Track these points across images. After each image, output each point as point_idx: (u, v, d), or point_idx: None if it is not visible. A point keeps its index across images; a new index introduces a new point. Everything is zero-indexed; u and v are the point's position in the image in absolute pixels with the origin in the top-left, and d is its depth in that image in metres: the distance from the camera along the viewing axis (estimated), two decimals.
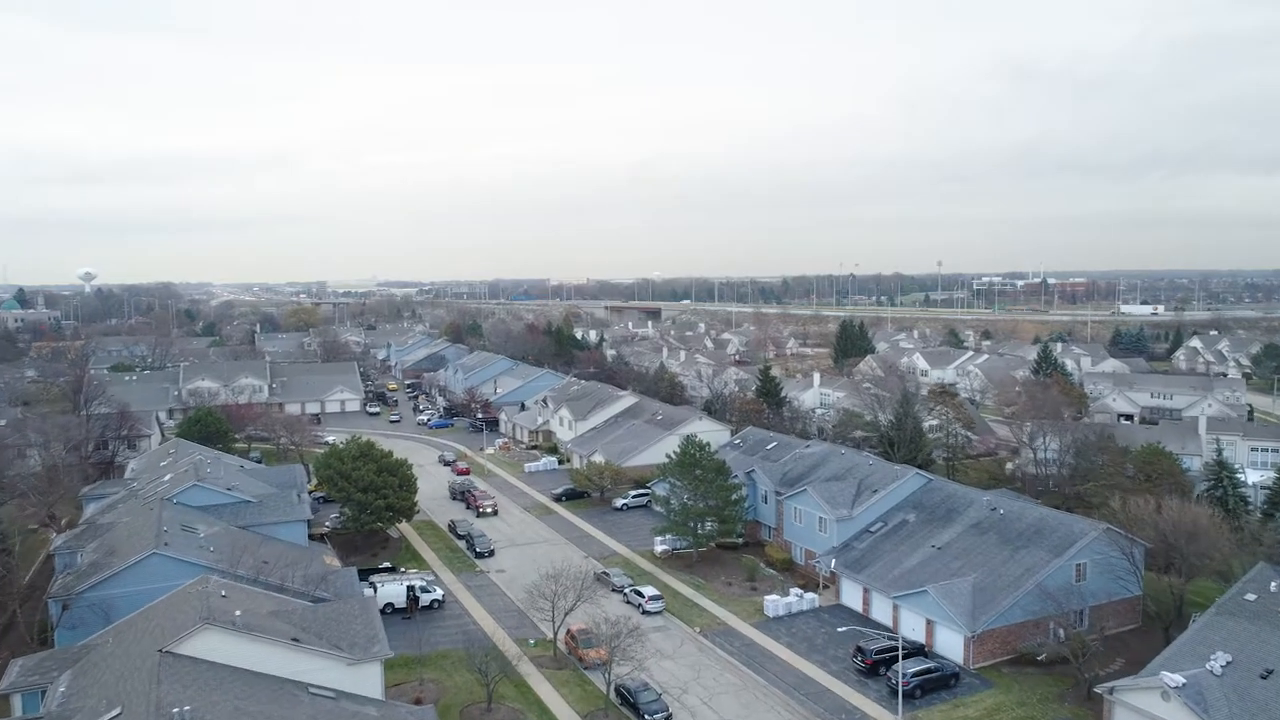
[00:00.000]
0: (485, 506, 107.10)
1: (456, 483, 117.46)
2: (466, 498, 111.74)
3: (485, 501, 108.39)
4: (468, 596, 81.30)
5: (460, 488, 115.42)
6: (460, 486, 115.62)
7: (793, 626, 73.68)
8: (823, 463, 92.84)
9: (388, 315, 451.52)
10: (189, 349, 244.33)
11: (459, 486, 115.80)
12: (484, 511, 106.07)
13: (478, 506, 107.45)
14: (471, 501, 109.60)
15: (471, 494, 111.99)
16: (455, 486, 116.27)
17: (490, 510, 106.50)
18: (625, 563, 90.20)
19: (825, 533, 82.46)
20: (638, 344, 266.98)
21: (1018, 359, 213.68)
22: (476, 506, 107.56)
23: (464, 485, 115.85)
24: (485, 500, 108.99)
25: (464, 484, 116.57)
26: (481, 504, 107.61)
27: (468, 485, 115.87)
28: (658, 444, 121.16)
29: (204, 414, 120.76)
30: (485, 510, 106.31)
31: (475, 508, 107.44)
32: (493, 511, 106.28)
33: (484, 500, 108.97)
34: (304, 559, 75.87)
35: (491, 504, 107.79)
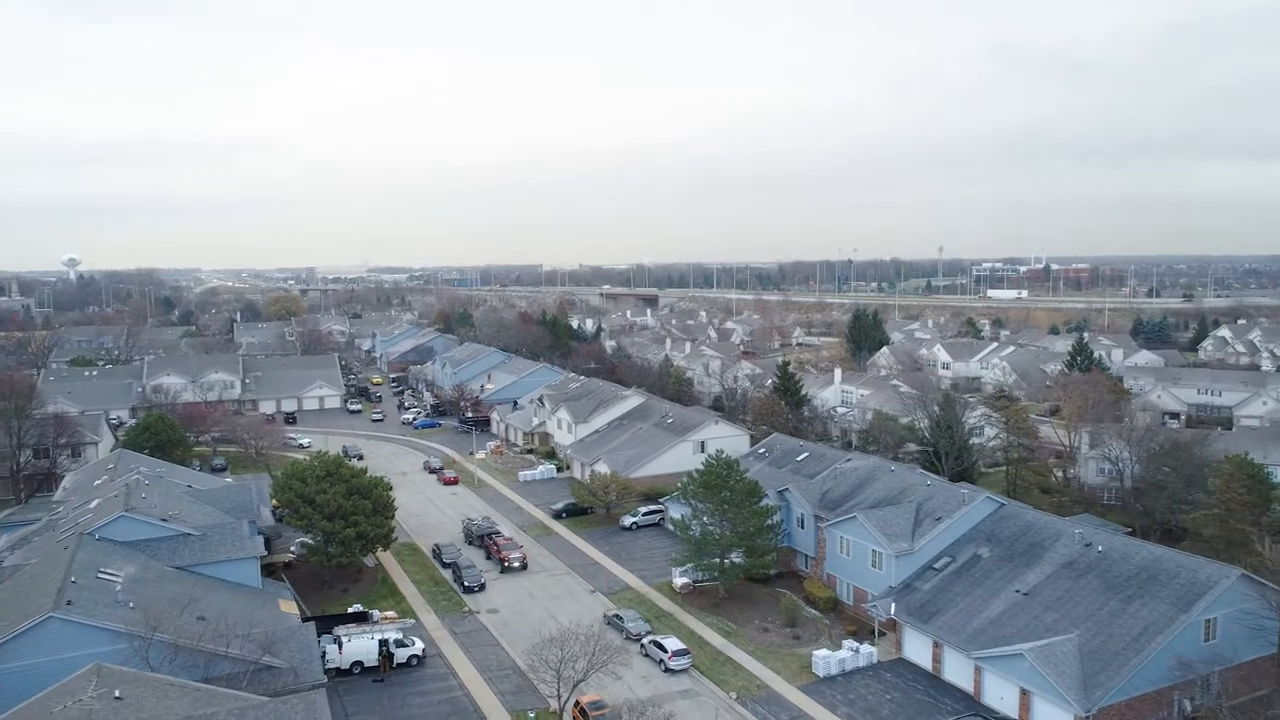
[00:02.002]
0: (513, 560, 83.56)
1: (475, 524, 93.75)
2: (487, 545, 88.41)
3: (513, 553, 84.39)
4: (454, 648, 67.81)
5: (479, 530, 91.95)
6: (480, 529, 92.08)
7: (850, 690, 60.47)
8: (869, 481, 79.49)
9: (376, 303, 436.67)
10: (159, 340, 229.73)
11: (478, 529, 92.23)
12: (510, 566, 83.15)
13: (503, 559, 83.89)
14: (494, 550, 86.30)
15: (494, 540, 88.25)
16: (473, 529, 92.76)
17: (519, 564, 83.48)
18: (639, 599, 76.84)
19: (880, 569, 69.21)
20: (638, 334, 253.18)
21: (1041, 350, 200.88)
22: (501, 558, 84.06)
23: (484, 528, 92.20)
24: (513, 551, 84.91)
25: (484, 526, 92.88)
26: (508, 556, 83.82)
27: (489, 528, 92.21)
28: (669, 451, 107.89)
29: (155, 420, 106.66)
30: (513, 564, 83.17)
31: (500, 559, 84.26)
32: (521, 565, 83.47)
33: (511, 551, 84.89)
34: (254, 609, 62.33)
35: (520, 555, 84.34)
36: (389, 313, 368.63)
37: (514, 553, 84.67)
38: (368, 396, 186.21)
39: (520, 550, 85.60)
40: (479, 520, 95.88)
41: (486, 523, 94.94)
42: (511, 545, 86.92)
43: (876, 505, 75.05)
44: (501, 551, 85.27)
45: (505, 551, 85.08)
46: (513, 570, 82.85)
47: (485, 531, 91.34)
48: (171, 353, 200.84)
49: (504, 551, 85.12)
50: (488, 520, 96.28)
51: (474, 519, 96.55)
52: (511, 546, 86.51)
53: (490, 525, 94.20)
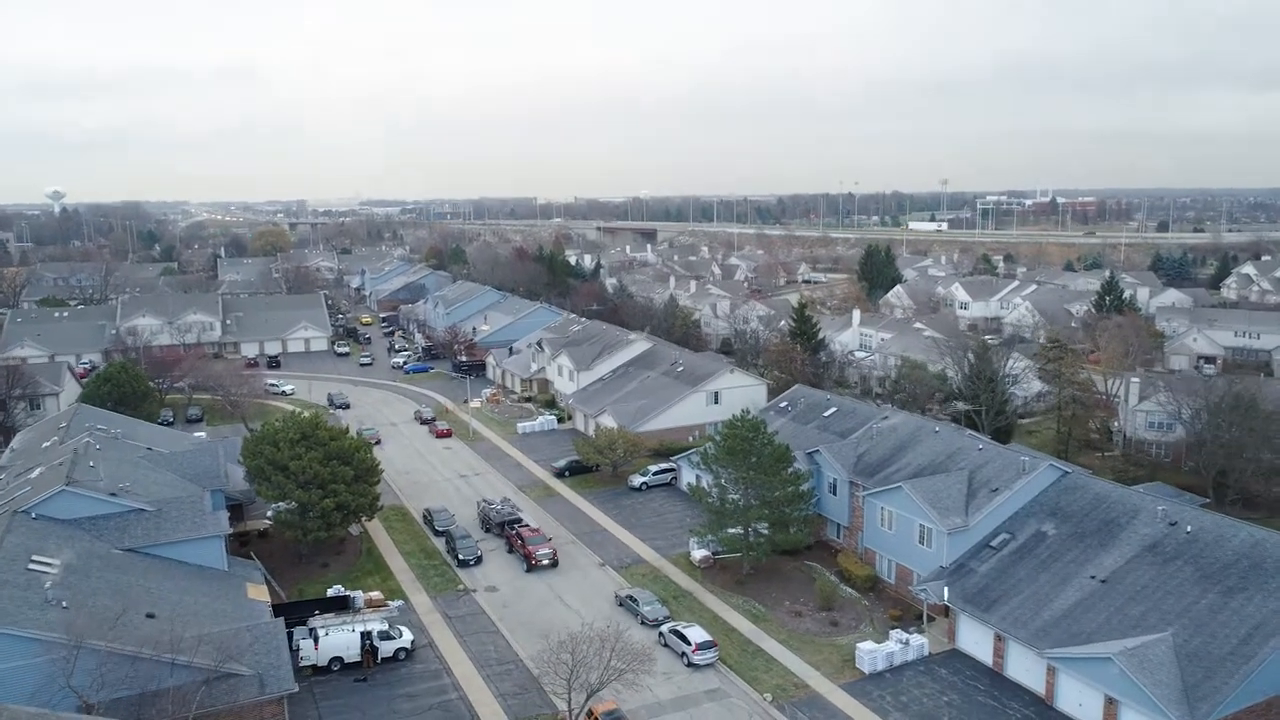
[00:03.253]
0: (542, 558, 69.52)
1: (493, 508, 78.24)
2: (509, 536, 73.47)
3: (541, 549, 70.11)
4: (447, 636, 59.90)
5: (499, 515, 76.50)
6: (499, 514, 76.77)
7: (901, 690, 52.79)
8: (911, 443, 71.04)
9: (366, 237, 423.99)
10: (137, 278, 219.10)
11: (497, 514, 76.85)
12: (539, 564, 69.48)
13: (529, 555, 69.52)
14: (517, 544, 71.50)
15: (517, 532, 72.73)
16: (491, 513, 77.30)
17: (549, 562, 69.80)
18: (653, 574, 68.96)
19: (929, 546, 61.13)
20: (638, 271, 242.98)
21: (1060, 288, 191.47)
22: (527, 554, 69.69)
23: (505, 513, 76.98)
24: (541, 547, 70.38)
25: (504, 511, 77.46)
26: (535, 553, 69.52)
27: (510, 514, 77.15)
28: (680, 403, 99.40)
29: (117, 370, 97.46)
30: (541, 563, 69.53)
31: (525, 556, 69.93)
32: (552, 563, 69.86)
33: (539, 547, 70.28)
34: (216, 598, 54.17)
35: (551, 552, 70.29)
36: (380, 248, 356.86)
37: (542, 548, 70.32)
38: (356, 338, 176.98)
39: (549, 545, 71.25)
40: (498, 503, 79.87)
41: (507, 506, 79.40)
42: (539, 539, 71.81)
43: (921, 472, 66.74)
44: (527, 546, 70.31)
45: (532, 546, 70.23)
46: (541, 568, 69.56)
47: (506, 519, 76.32)
48: (149, 291, 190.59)
49: (530, 546, 70.23)
50: (508, 503, 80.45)
51: (492, 502, 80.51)
52: (539, 540, 71.56)
53: (512, 510, 78.62)
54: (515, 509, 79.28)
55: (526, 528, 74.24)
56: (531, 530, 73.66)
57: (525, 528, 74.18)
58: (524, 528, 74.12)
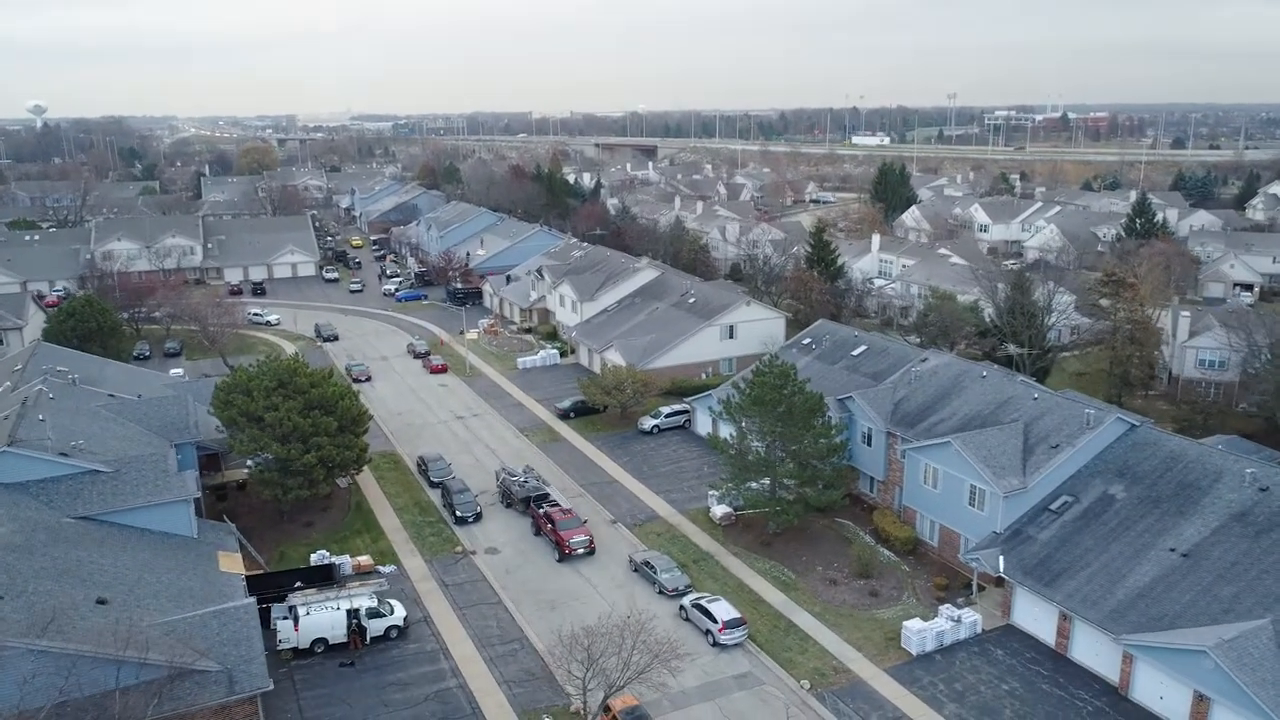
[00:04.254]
0: (576, 546, 58.75)
1: (514, 479, 66.69)
2: (535, 517, 62.32)
3: (575, 536, 59.13)
4: (444, 609, 53.90)
5: (523, 490, 65.03)
6: (523, 488, 65.25)
7: (954, 676, 47.02)
8: (955, 389, 64.17)
9: (357, 154, 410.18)
10: (114, 198, 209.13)
11: (520, 487, 65.38)
12: (573, 553, 58.70)
13: (562, 544, 58.65)
14: (546, 527, 60.71)
15: (545, 513, 61.48)
16: (513, 485, 66.02)
17: (584, 551, 59.07)
18: (669, 533, 62.85)
19: (980, 509, 54.79)
20: (640, 191, 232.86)
21: (1083, 209, 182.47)
22: (559, 541, 58.90)
23: (530, 488, 65.37)
24: (575, 532, 59.39)
25: (528, 484, 65.86)
26: (568, 540, 58.72)
27: (536, 489, 65.44)
28: (692, 338, 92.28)
29: (81, 305, 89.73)
30: (577, 552, 58.77)
31: (558, 543, 58.98)
32: (587, 550, 59.04)
33: (573, 532, 59.32)
34: (182, 574, 47.86)
35: (587, 540, 59.35)
36: (371, 165, 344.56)
37: (577, 534, 59.18)
38: (345, 263, 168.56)
39: (585, 530, 60.23)
40: (520, 474, 67.59)
41: (530, 476, 67.48)
42: (573, 522, 60.29)
43: (968, 424, 60.05)
44: (559, 532, 58.98)
45: (565, 533, 58.83)
46: (575, 557, 58.66)
47: (531, 494, 64.56)
48: (127, 212, 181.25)
49: (562, 533, 58.86)
50: (532, 473, 68.52)
51: (514, 473, 67.85)
52: (573, 524, 60.03)
53: (538, 483, 66.65)
54: (542, 482, 67.97)
55: (557, 508, 62.39)
56: (564, 512, 61.76)
57: (556, 508, 62.35)
58: (555, 508, 62.32)
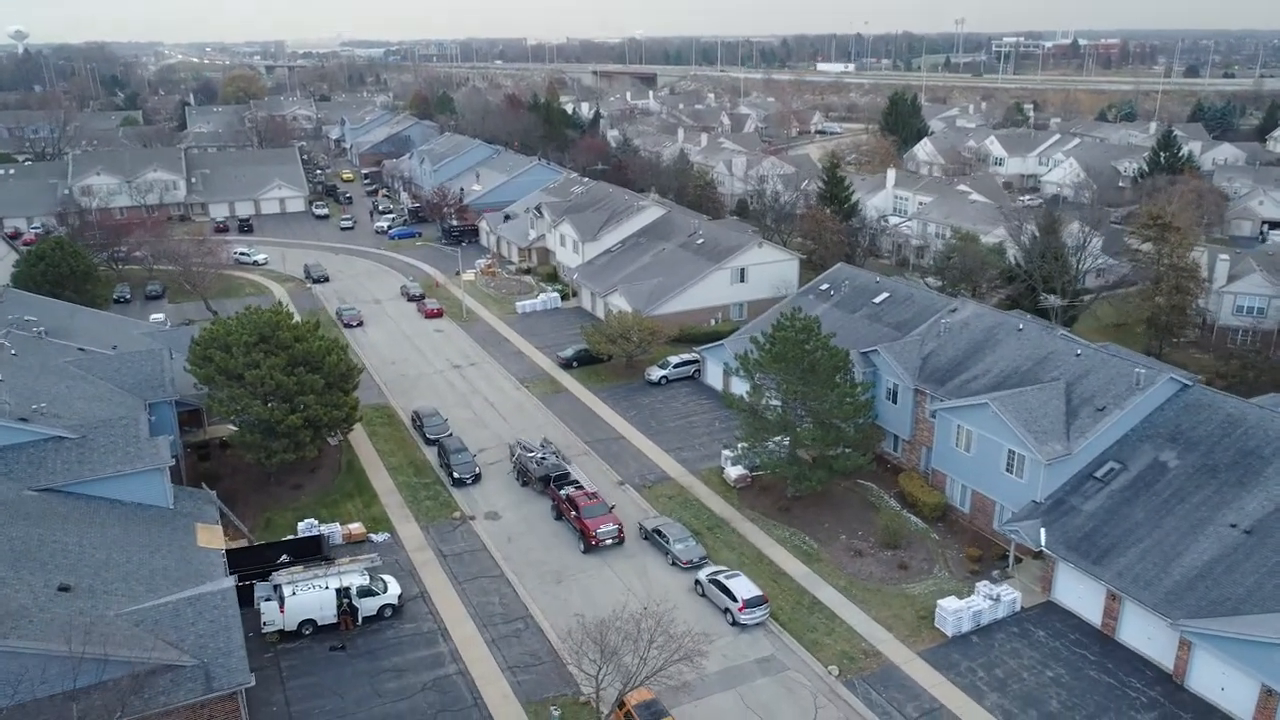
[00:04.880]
0: (604, 536, 52.17)
1: (531, 455, 60.04)
2: (557, 501, 55.80)
3: (602, 524, 52.47)
4: (443, 583, 50.20)
5: (542, 468, 58.64)
6: (541, 466, 58.85)
7: (994, 660, 43.56)
8: (989, 343, 59.70)
9: (347, 83, 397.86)
10: (94, 129, 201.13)
11: (539, 465, 58.90)
12: (599, 543, 52.10)
13: (588, 533, 52.01)
14: (569, 513, 54.11)
15: (567, 497, 54.95)
16: (530, 463, 59.38)
17: (612, 540, 52.42)
18: (681, 496, 59.00)
19: (1019, 476, 50.81)
20: (641, 122, 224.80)
21: (1099, 142, 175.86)
22: (585, 531, 52.20)
23: (549, 465, 58.90)
24: (603, 521, 52.68)
25: (547, 461, 59.35)
26: (596, 530, 52.07)
27: (556, 467, 58.91)
28: (701, 282, 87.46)
29: (52, 247, 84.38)
30: (604, 542, 52.21)
31: (583, 533, 52.33)
32: (616, 541, 52.49)
33: (600, 521, 52.66)
34: (155, 552, 43.90)
35: (615, 529, 52.68)
36: (361, 94, 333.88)
37: (604, 523, 52.42)
38: (336, 198, 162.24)
39: (614, 517, 53.31)
40: (538, 449, 61.12)
41: (549, 451, 61.21)
42: (600, 508, 53.50)
43: (1004, 382, 55.77)
44: (584, 520, 52.41)
45: (590, 521, 52.29)
46: (602, 548, 52.13)
47: (551, 473, 58.22)
48: (107, 144, 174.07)
49: (588, 521, 52.32)
50: (549, 448, 62.01)
51: (530, 448, 61.14)
52: (599, 510, 53.30)
53: (558, 460, 60.07)
54: (563, 460, 61.24)
55: (582, 491, 55.69)
56: (588, 496, 55.06)
57: (580, 491, 55.63)
58: (579, 492, 55.56)
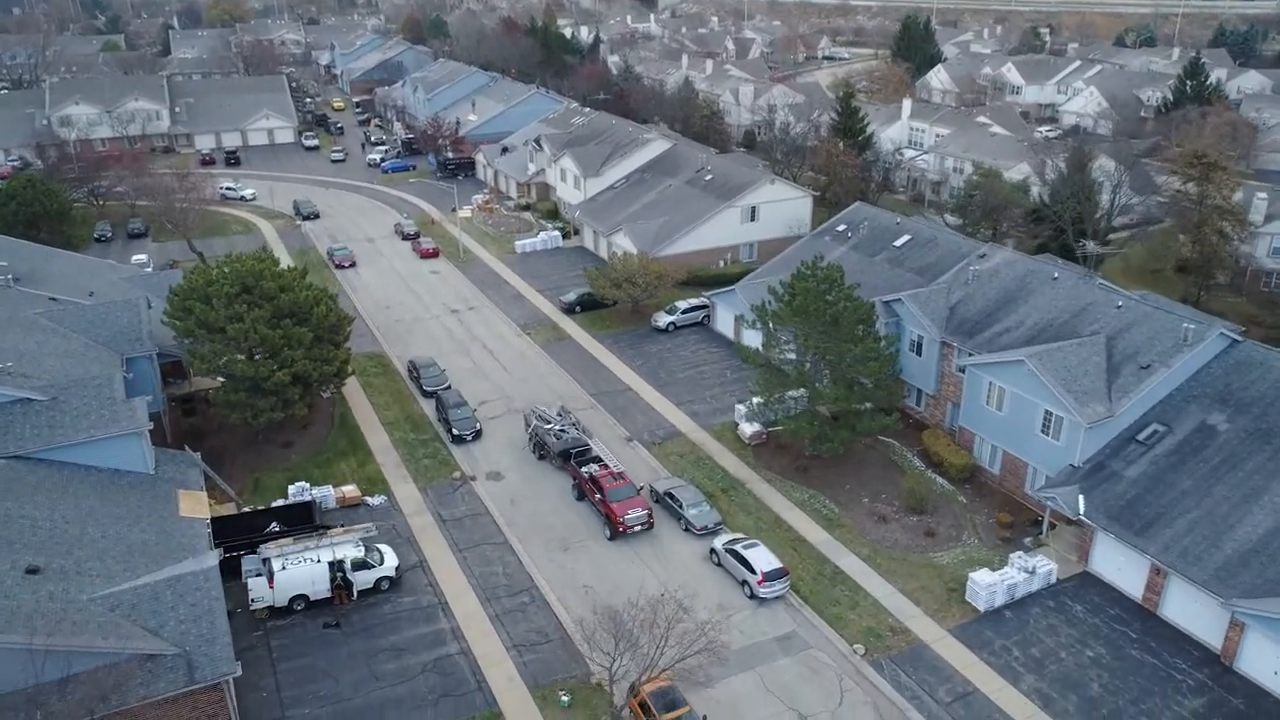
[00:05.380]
0: (633, 523, 47.08)
1: (549, 426, 54.63)
2: (579, 479, 50.67)
3: (630, 510, 47.19)
4: (443, 552, 47.41)
5: (562, 442, 53.26)
6: (561, 439, 53.51)
7: (1029, 638, 40.99)
8: (1021, 293, 55.99)
9: (336, 5, 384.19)
10: (75, 54, 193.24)
11: (559, 438, 53.54)
12: (627, 530, 47.12)
13: (615, 519, 46.91)
14: (592, 494, 49.13)
15: (589, 474, 49.73)
16: (547, 435, 53.94)
17: (641, 526, 47.39)
18: (693, 454, 55.99)
19: (1055, 438, 47.69)
20: (643, 47, 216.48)
21: (1120, 69, 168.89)
22: (611, 516, 47.12)
23: (569, 439, 53.47)
24: (630, 505, 47.40)
25: (567, 434, 54.02)
26: (623, 516, 46.88)
27: (576, 441, 53.46)
28: (710, 221, 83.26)
29: (21, 186, 79.76)
30: (633, 529, 47.24)
31: (609, 518, 47.36)
32: (645, 525, 47.50)
33: (628, 506, 47.33)
34: (134, 524, 40.93)
35: (644, 515, 47.51)
36: (352, 17, 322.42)
37: (632, 508, 47.35)
38: (327, 128, 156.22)
39: (641, 501, 48.19)
40: (554, 420, 55.60)
41: (567, 422, 55.72)
42: (627, 490, 48.32)
43: (1039, 336, 52.30)
44: (609, 504, 47.37)
45: (617, 505, 47.23)
46: (630, 533, 47.33)
47: (571, 448, 52.79)
48: (85, 72, 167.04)
49: (614, 505, 47.27)
50: (568, 418, 56.50)
51: (547, 419, 55.55)
52: (626, 493, 48.10)
53: (578, 433, 54.65)
54: (583, 432, 55.52)
55: (607, 471, 50.06)
56: (614, 477, 49.44)
57: (605, 471, 49.98)
58: (604, 472, 49.88)
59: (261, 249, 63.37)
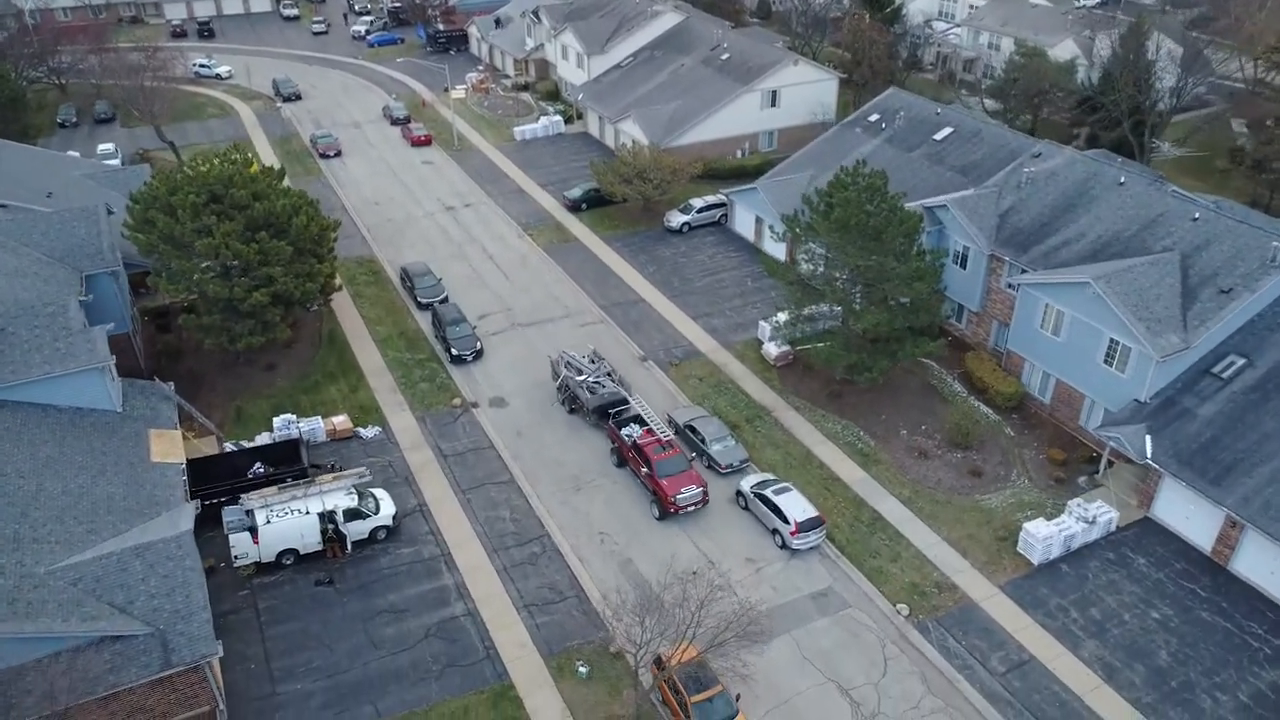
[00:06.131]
0: (685, 503, 40.49)
1: (581, 382, 46.68)
2: (618, 444, 43.72)
3: (682, 488, 40.48)
4: (444, 491, 43.36)
5: (598, 398, 46.01)
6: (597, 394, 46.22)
7: (1088, 597, 37.41)
8: (1082, 199, 50.12)
9: None
10: None
11: (592, 392, 46.33)
12: (678, 511, 40.54)
13: (665, 498, 40.30)
14: (635, 464, 42.43)
15: (634, 444, 42.56)
16: (578, 388, 46.62)
17: (695, 506, 40.82)
18: (714, 377, 51.40)
19: (1120, 370, 42.99)
20: None
21: None
22: (660, 493, 40.49)
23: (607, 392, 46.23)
24: (682, 481, 40.71)
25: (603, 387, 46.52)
26: (674, 496, 40.25)
27: (614, 392, 46.19)
28: (727, 107, 76.18)
29: None
30: (685, 509, 40.64)
31: (658, 495, 40.73)
32: (700, 504, 40.90)
33: (679, 483, 40.63)
34: (98, 474, 36.70)
35: (698, 493, 40.78)
36: None
37: (685, 485, 40.39)
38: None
39: (694, 475, 41.20)
40: (587, 367, 47.27)
41: (602, 369, 47.39)
42: (676, 462, 41.19)
43: (1103, 250, 46.87)
44: (657, 480, 40.42)
45: (666, 481, 40.29)
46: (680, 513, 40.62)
47: (608, 402, 45.72)
48: None
49: (663, 481, 40.32)
50: (602, 363, 47.92)
51: (577, 368, 47.25)
52: (676, 465, 41.07)
53: (616, 384, 46.65)
54: (621, 384, 46.90)
55: (654, 438, 42.32)
56: (662, 444, 41.86)
57: (651, 439, 42.27)
58: (650, 439, 42.21)
59: (234, 145, 56.68)
